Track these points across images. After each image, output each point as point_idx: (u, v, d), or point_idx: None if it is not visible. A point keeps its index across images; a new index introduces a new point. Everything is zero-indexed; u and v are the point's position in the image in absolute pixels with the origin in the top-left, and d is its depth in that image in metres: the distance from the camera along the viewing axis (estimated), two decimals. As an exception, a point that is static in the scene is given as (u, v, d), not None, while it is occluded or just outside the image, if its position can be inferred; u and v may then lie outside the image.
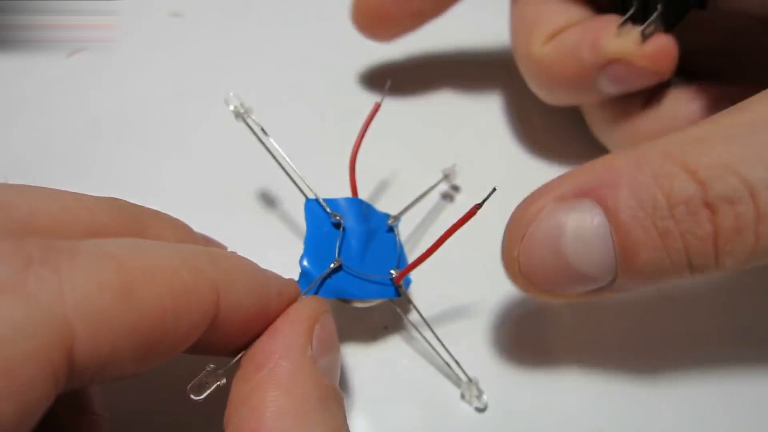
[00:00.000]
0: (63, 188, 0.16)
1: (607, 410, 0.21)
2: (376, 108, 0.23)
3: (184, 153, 0.28)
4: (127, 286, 0.13)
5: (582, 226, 0.16)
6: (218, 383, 0.16)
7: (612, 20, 0.23)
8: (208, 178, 0.27)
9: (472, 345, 0.22)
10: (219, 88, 0.30)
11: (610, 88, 0.23)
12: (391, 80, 0.24)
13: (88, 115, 0.29)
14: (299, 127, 0.28)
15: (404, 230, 0.25)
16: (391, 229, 0.23)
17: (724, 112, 0.16)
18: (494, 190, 0.17)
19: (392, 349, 0.22)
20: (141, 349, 0.13)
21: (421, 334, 0.21)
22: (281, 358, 0.16)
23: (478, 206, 0.18)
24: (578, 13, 0.24)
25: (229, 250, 0.21)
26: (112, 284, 0.13)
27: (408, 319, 0.22)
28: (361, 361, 0.22)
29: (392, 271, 0.21)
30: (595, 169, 0.17)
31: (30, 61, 0.31)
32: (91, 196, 0.17)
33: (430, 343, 0.21)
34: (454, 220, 0.18)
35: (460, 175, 0.26)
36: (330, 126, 0.29)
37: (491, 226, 0.19)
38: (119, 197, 0.17)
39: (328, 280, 0.20)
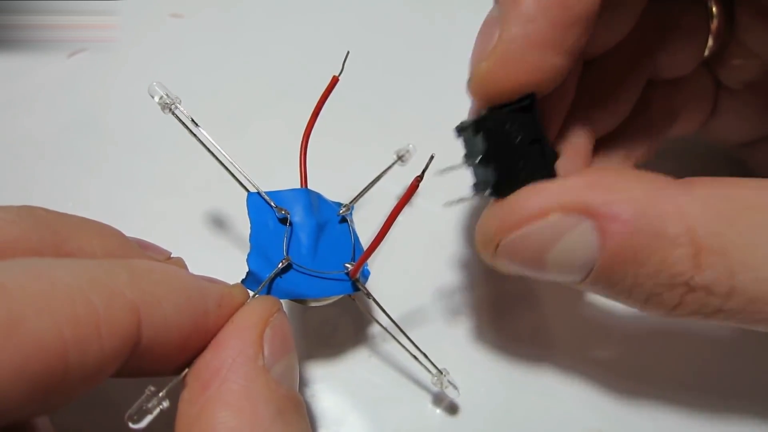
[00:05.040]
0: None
1: (605, 410, 0.21)
2: (334, 82, 0.20)
3: (183, 152, 0.28)
4: (13, 318, 0.11)
5: (575, 246, 0.16)
6: (160, 407, 0.14)
7: None
8: (207, 178, 0.27)
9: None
10: (219, 89, 0.30)
11: None
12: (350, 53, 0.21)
13: (88, 115, 0.29)
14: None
15: (364, 222, 0.23)
16: (343, 220, 0.21)
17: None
18: (432, 157, 0.16)
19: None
20: (37, 391, 0.12)
21: (385, 329, 0.20)
22: (229, 372, 0.14)
23: (419, 178, 0.17)
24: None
25: (174, 256, 0.19)
26: None
27: (374, 317, 0.20)
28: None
29: (347, 265, 0.19)
30: (613, 191, 0.15)
31: (31, 61, 0.31)
32: (2, 207, 0.15)
33: (395, 338, 0.20)
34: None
35: (414, 155, 0.24)
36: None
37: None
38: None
39: (278, 281, 0.18)
